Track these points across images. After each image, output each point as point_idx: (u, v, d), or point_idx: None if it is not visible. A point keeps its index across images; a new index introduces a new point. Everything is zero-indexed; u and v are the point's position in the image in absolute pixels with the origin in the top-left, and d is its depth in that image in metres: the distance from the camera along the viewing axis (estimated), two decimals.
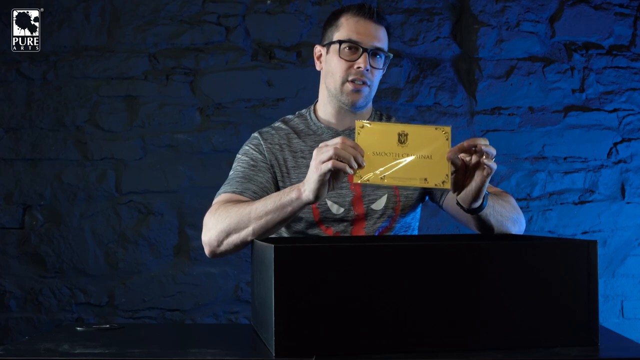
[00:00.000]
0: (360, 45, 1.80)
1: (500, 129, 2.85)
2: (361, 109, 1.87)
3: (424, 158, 1.50)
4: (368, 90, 1.83)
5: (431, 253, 1.31)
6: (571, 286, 1.34)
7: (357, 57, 1.80)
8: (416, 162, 1.50)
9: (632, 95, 2.88)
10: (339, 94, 1.84)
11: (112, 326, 1.65)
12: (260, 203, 1.65)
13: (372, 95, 1.88)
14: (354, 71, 1.81)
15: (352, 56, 1.81)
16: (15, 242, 2.76)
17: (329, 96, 1.87)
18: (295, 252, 1.27)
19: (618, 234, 2.86)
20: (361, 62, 1.79)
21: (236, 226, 1.66)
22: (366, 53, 1.79)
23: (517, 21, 2.86)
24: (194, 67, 2.80)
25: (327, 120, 1.91)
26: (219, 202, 1.77)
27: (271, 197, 1.65)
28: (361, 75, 1.80)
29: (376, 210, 1.83)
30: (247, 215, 1.65)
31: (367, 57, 1.79)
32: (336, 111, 1.89)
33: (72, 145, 2.78)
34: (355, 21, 1.82)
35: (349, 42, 1.81)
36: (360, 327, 1.27)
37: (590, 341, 1.34)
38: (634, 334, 2.76)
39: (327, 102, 1.89)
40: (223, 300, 2.78)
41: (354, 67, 1.80)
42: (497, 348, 1.31)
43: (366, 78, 1.81)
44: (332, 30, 1.86)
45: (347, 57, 1.81)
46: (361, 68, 1.79)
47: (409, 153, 1.50)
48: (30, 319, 2.76)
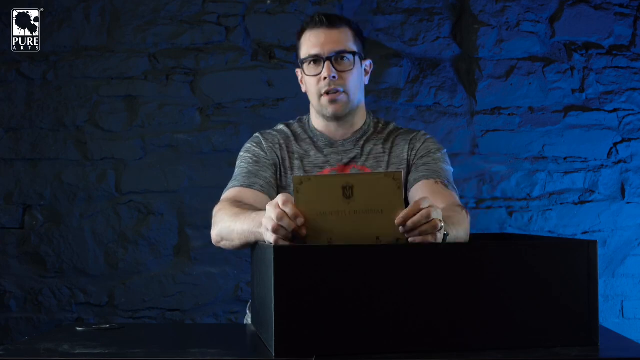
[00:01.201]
0: (320, 56, 1.81)
1: (500, 129, 2.85)
2: (346, 115, 1.87)
3: (374, 213, 1.32)
4: (345, 97, 1.83)
5: (431, 253, 1.31)
6: (571, 286, 1.34)
7: (321, 69, 1.82)
8: (366, 219, 1.31)
9: (632, 95, 2.88)
10: (320, 109, 1.86)
11: (112, 326, 1.65)
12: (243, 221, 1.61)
13: (356, 99, 1.87)
14: (322, 83, 1.82)
15: (317, 69, 1.83)
16: (15, 242, 2.76)
17: (316, 113, 1.90)
18: (295, 252, 1.27)
19: (618, 234, 2.86)
20: (325, 72, 1.81)
21: (226, 235, 1.69)
22: (328, 61, 1.80)
23: (517, 21, 2.86)
24: (194, 67, 2.80)
25: (321, 131, 1.93)
26: (226, 199, 1.80)
27: (250, 218, 1.58)
28: (329, 84, 1.81)
29: None
30: (233, 230, 1.64)
31: (329, 65, 1.80)
32: (325, 125, 1.91)
33: (72, 145, 2.78)
34: (309, 35, 1.84)
35: (309, 57, 1.83)
36: (360, 327, 1.27)
37: (590, 341, 1.34)
38: (634, 334, 2.76)
39: (316, 118, 1.93)
40: (223, 300, 2.78)
41: (321, 80, 1.82)
42: (497, 348, 1.30)
43: (337, 85, 1.81)
44: (299, 52, 1.89)
45: (313, 73, 1.83)
46: (326, 78, 1.80)
47: (357, 209, 1.31)
48: (30, 319, 2.75)
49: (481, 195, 2.83)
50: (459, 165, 2.75)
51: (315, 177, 1.36)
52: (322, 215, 1.32)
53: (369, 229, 1.32)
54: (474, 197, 2.83)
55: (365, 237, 1.33)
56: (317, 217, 1.32)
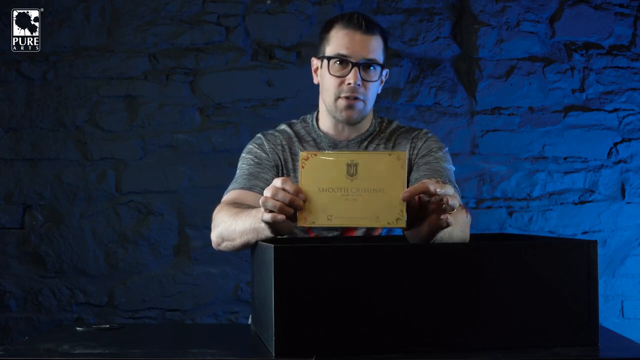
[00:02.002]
0: (349, 59, 1.77)
1: (500, 129, 2.85)
2: (356, 123, 1.86)
3: (375, 192, 1.33)
4: (362, 105, 1.81)
5: (431, 253, 1.31)
6: (571, 286, 1.34)
7: (347, 72, 1.77)
8: (367, 198, 1.33)
9: (632, 95, 2.88)
10: (333, 110, 1.83)
11: (112, 326, 1.65)
12: (244, 219, 1.60)
13: (369, 107, 1.86)
14: (345, 87, 1.78)
15: (342, 71, 1.78)
16: (15, 242, 2.76)
17: (326, 110, 1.87)
18: (295, 252, 1.27)
19: (618, 234, 2.86)
20: (351, 77, 1.76)
21: (227, 235, 1.68)
22: (356, 67, 1.76)
23: (517, 21, 2.86)
24: (194, 67, 2.80)
25: (326, 131, 1.90)
26: (226, 201, 1.79)
27: (251, 215, 1.58)
28: (352, 91, 1.78)
29: None
30: (234, 229, 1.63)
31: (357, 72, 1.76)
32: (334, 124, 1.88)
33: (72, 145, 2.78)
34: (343, 34, 1.78)
35: (337, 57, 1.78)
36: (360, 327, 1.27)
37: (590, 341, 1.34)
38: (634, 334, 2.76)
39: (325, 115, 1.89)
40: (223, 300, 2.78)
41: (345, 83, 1.78)
42: (497, 348, 1.30)
43: (358, 93, 1.78)
44: (324, 44, 1.84)
45: (337, 73, 1.79)
46: (351, 84, 1.77)
47: (359, 187, 1.33)
48: (30, 319, 2.76)
49: (481, 195, 2.83)
50: (459, 165, 2.75)
51: (322, 153, 1.37)
52: (323, 192, 1.34)
53: (369, 208, 1.33)
54: (474, 197, 2.83)
55: (365, 216, 1.34)
56: (318, 194, 1.34)
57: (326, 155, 1.36)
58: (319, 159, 1.35)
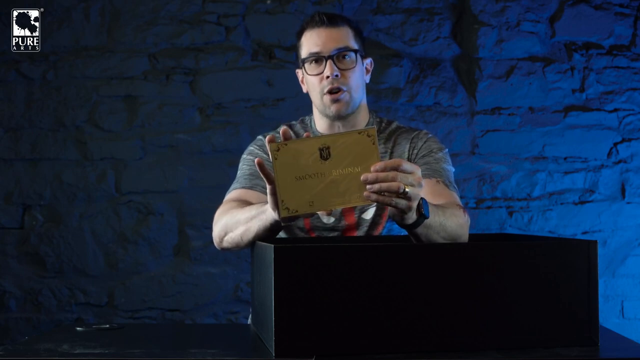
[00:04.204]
0: (321, 54, 1.81)
1: (500, 129, 2.85)
2: (349, 115, 1.85)
3: (352, 171, 1.33)
4: (347, 96, 1.82)
5: (431, 253, 1.31)
6: (571, 286, 1.34)
7: (323, 68, 1.81)
8: (345, 178, 1.33)
9: (632, 95, 2.88)
10: (323, 109, 1.85)
11: (112, 326, 1.65)
12: (249, 210, 1.63)
13: (357, 98, 1.85)
14: (325, 82, 1.80)
15: (318, 69, 1.82)
16: (15, 242, 2.76)
17: (319, 112, 1.89)
18: (295, 252, 1.27)
19: (618, 234, 2.86)
20: (327, 70, 1.79)
21: (231, 226, 1.68)
22: (330, 60, 1.79)
23: (517, 21, 2.86)
24: (194, 67, 2.80)
25: (324, 132, 1.91)
26: (228, 200, 1.80)
27: (256, 206, 1.62)
28: (332, 82, 1.80)
29: (366, 220, 1.84)
30: (239, 220, 1.65)
31: (332, 64, 1.79)
32: (329, 125, 1.89)
33: (72, 145, 2.78)
34: (310, 34, 1.83)
35: (310, 56, 1.82)
36: (360, 327, 1.27)
37: (590, 341, 1.34)
38: (634, 334, 2.76)
39: (320, 118, 1.91)
40: (223, 300, 2.78)
41: (324, 79, 1.80)
42: (497, 348, 1.30)
43: (339, 84, 1.80)
44: (299, 52, 1.88)
45: (315, 72, 1.82)
46: (329, 76, 1.79)
47: (335, 169, 1.33)
48: (30, 319, 2.75)
49: (481, 195, 2.83)
50: (459, 165, 2.75)
51: (292, 142, 1.36)
52: (301, 180, 1.34)
53: (348, 188, 1.34)
54: (474, 197, 2.83)
55: (346, 196, 1.34)
56: (296, 182, 1.34)
57: (297, 143, 1.36)
58: (290, 147, 1.35)
